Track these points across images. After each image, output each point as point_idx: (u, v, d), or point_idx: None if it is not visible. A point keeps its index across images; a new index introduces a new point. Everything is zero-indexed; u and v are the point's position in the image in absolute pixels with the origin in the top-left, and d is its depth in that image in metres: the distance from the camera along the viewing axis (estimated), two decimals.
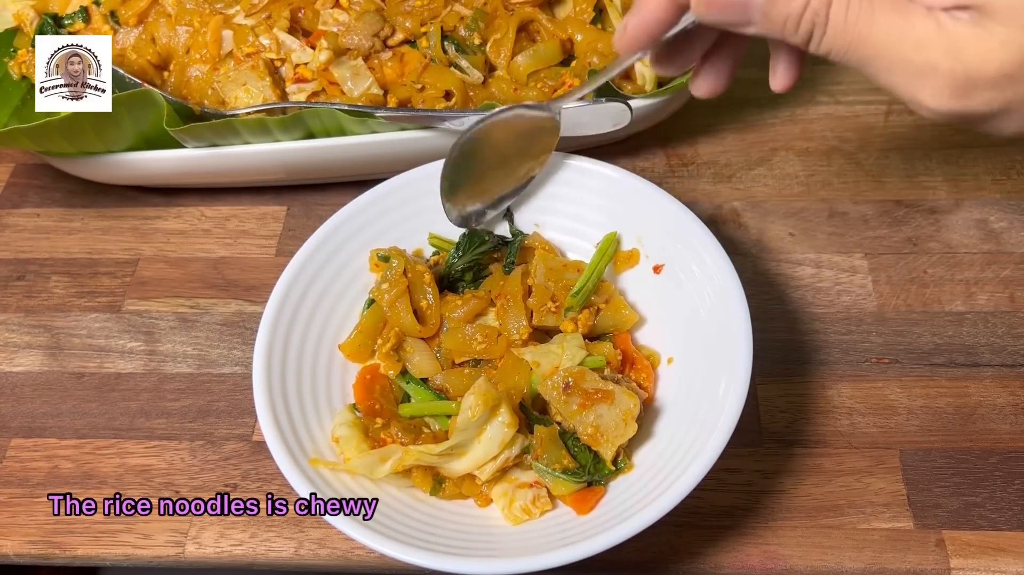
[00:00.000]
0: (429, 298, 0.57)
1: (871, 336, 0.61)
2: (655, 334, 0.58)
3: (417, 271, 0.58)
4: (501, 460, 0.51)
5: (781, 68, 0.46)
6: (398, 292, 0.56)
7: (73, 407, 0.61)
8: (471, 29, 0.69)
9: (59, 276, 0.69)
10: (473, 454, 0.51)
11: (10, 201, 0.75)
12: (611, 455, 0.50)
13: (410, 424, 0.54)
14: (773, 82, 0.46)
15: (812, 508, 0.54)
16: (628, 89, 0.68)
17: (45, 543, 0.55)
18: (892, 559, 0.51)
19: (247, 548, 0.54)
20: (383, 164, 0.67)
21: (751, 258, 0.66)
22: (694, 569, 0.52)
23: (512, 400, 0.52)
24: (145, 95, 0.64)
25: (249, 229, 0.71)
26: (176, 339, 0.64)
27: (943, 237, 0.66)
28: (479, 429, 0.50)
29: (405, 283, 0.57)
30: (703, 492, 0.48)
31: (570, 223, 0.62)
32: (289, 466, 0.49)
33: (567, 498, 0.51)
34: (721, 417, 0.48)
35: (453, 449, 0.50)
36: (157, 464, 0.58)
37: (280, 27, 0.69)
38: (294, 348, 0.55)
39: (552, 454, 0.50)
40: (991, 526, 0.52)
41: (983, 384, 0.58)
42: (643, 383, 0.55)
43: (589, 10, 0.70)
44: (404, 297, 0.56)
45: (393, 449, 0.51)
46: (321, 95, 0.68)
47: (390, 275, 0.57)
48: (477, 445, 0.50)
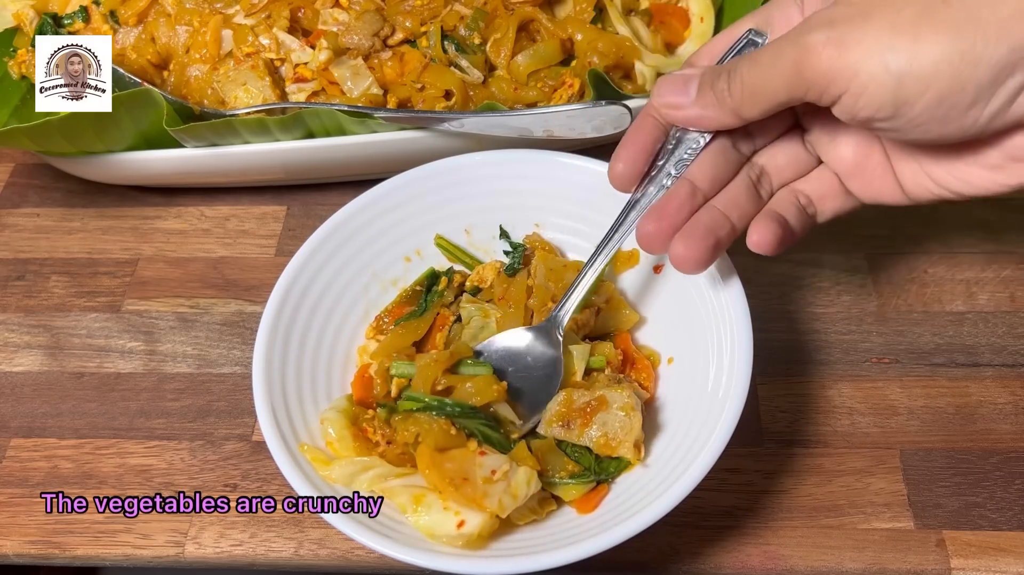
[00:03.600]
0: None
1: (872, 336, 0.61)
2: (655, 334, 0.58)
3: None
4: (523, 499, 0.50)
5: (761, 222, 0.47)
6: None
7: (73, 407, 0.61)
8: (471, 29, 0.69)
9: (59, 276, 0.69)
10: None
11: (10, 201, 0.75)
12: (633, 453, 0.50)
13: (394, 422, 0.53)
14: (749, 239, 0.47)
15: (812, 508, 0.54)
16: (628, 89, 0.68)
17: (45, 543, 0.55)
18: (892, 559, 0.51)
19: (247, 548, 0.54)
20: (383, 164, 0.67)
21: (752, 258, 0.65)
22: (694, 569, 0.52)
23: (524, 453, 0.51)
24: (145, 95, 0.64)
25: (249, 229, 0.71)
26: (176, 339, 0.64)
27: (943, 237, 0.66)
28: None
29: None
30: (703, 492, 0.48)
31: (570, 223, 0.62)
32: (289, 466, 0.49)
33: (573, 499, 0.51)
34: (721, 417, 0.48)
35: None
36: (157, 464, 0.58)
37: (280, 27, 0.69)
38: (294, 348, 0.55)
39: (554, 464, 0.50)
40: (992, 526, 0.52)
41: (984, 384, 0.58)
42: (644, 383, 0.55)
43: (589, 10, 0.70)
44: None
45: (376, 462, 0.51)
46: (321, 95, 0.68)
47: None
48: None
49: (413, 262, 0.62)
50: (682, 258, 0.45)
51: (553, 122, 0.63)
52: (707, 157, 0.47)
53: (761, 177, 0.49)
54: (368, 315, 0.60)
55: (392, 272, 0.61)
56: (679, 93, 0.46)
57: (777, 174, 0.49)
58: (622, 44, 0.68)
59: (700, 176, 0.47)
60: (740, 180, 0.48)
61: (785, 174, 0.49)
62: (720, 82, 0.44)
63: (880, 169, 0.46)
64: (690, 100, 0.45)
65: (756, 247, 0.46)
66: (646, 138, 0.47)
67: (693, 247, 0.45)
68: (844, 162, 0.47)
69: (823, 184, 0.49)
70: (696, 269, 0.46)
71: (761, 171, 0.49)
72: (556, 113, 0.63)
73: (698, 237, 0.45)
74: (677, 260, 0.45)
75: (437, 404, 0.50)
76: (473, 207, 0.62)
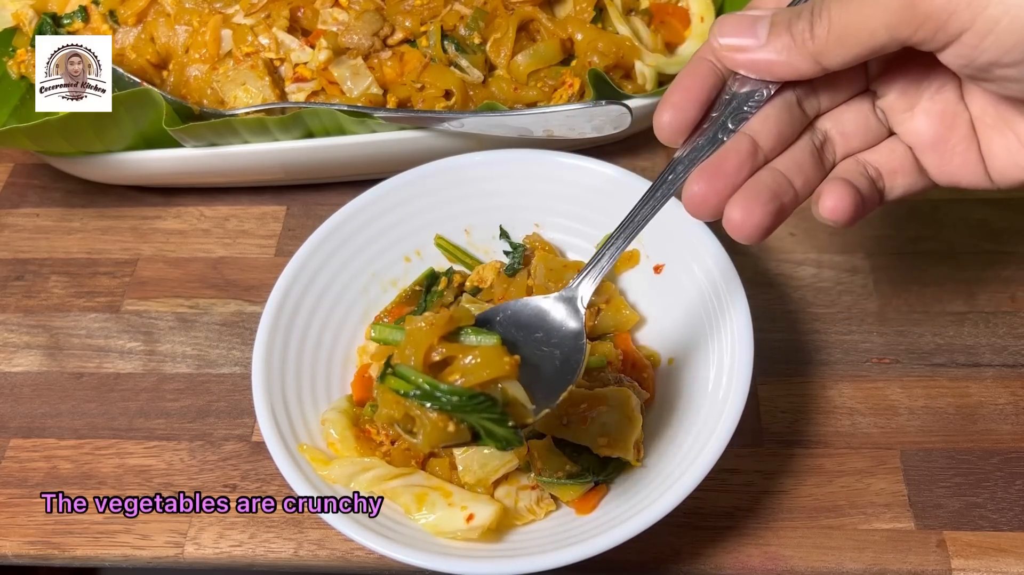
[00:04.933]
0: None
1: (872, 336, 0.61)
2: (655, 334, 0.58)
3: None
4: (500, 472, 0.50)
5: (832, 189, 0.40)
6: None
7: (72, 407, 0.61)
8: (471, 28, 0.69)
9: (58, 276, 0.69)
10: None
11: (9, 201, 0.75)
12: (632, 454, 0.50)
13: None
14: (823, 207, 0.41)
15: (813, 509, 0.54)
16: (629, 88, 0.68)
17: (44, 544, 0.55)
18: (893, 560, 0.51)
19: (246, 549, 0.54)
20: (383, 164, 0.67)
21: (752, 258, 0.66)
22: (695, 570, 0.52)
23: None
24: (144, 94, 0.64)
25: (248, 229, 0.71)
26: (175, 339, 0.64)
27: (944, 237, 0.66)
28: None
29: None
30: (704, 492, 0.48)
31: (570, 223, 0.62)
32: (288, 466, 0.49)
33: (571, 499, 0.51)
34: (722, 417, 0.48)
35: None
36: (156, 464, 0.58)
37: (279, 26, 0.69)
38: (293, 348, 0.55)
39: (552, 463, 0.50)
40: (992, 527, 0.52)
41: (984, 384, 0.58)
42: (644, 383, 0.55)
43: (589, 9, 0.70)
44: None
45: (376, 463, 0.51)
46: (320, 94, 0.68)
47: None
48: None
49: (413, 262, 0.62)
50: (740, 224, 0.39)
51: (553, 122, 0.63)
52: (770, 112, 0.41)
53: (825, 144, 0.43)
54: (368, 315, 0.60)
55: (392, 272, 0.61)
56: (746, 34, 0.40)
57: (843, 142, 0.43)
58: (622, 44, 0.68)
59: (762, 132, 0.41)
60: (803, 143, 0.42)
61: (852, 143, 0.43)
62: (800, 22, 0.38)
63: (964, 144, 0.41)
64: (759, 42, 0.39)
65: (831, 214, 0.40)
66: (700, 84, 0.41)
67: (755, 212, 0.39)
68: (921, 134, 0.42)
69: (894, 158, 0.43)
70: (755, 237, 0.40)
71: (825, 137, 0.43)
72: (556, 113, 0.63)
73: (762, 201, 0.39)
74: (734, 226, 0.39)
75: (429, 390, 0.40)
76: (473, 207, 0.62)
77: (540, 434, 0.51)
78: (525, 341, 0.44)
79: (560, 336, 0.45)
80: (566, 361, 0.44)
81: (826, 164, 0.42)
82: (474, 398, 0.40)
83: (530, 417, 0.42)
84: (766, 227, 0.39)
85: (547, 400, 0.43)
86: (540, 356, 0.44)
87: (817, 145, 0.42)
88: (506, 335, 0.42)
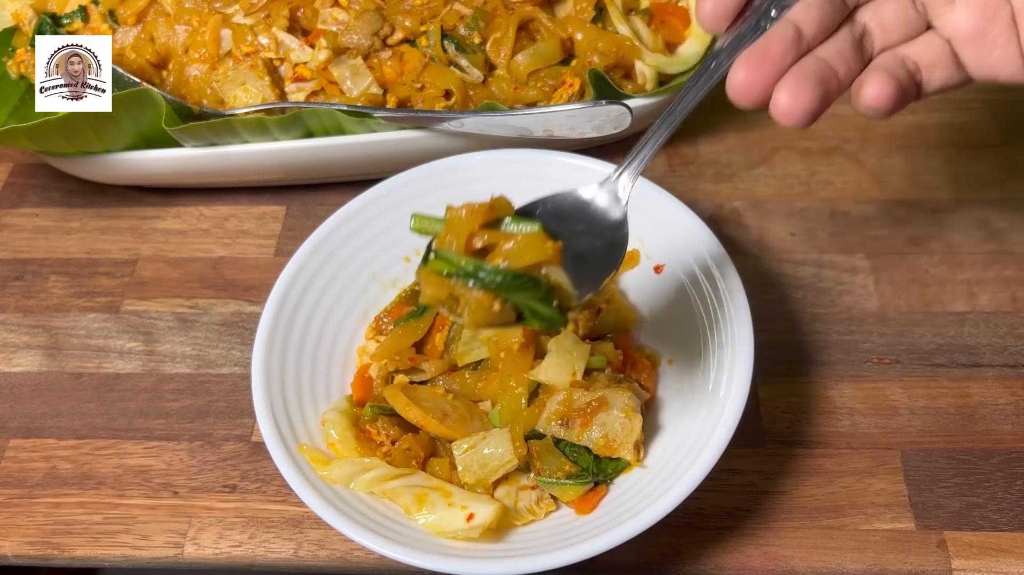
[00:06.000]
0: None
1: (872, 336, 0.61)
2: (656, 334, 0.58)
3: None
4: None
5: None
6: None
7: (72, 407, 0.61)
8: (471, 28, 0.69)
9: (58, 276, 0.69)
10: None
11: (8, 201, 0.75)
12: (632, 455, 0.50)
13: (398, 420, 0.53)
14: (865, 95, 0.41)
15: (813, 509, 0.54)
16: (629, 88, 0.68)
17: (44, 544, 0.55)
18: (893, 560, 0.51)
19: (246, 549, 0.54)
20: (383, 164, 0.66)
21: (752, 258, 0.66)
22: (695, 570, 0.52)
23: (517, 432, 0.51)
24: (144, 94, 0.64)
25: (248, 229, 0.71)
26: (175, 339, 0.64)
27: (945, 237, 0.66)
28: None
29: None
30: (704, 493, 0.48)
31: None
32: (288, 467, 0.49)
33: (571, 500, 0.51)
34: (722, 417, 0.48)
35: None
36: (156, 465, 0.58)
37: (279, 26, 0.69)
38: (293, 348, 0.55)
39: (552, 464, 0.50)
40: (993, 527, 0.52)
41: (985, 384, 0.58)
42: (644, 383, 0.55)
43: (589, 9, 0.69)
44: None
45: (376, 463, 0.51)
46: (320, 94, 0.68)
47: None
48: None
49: (413, 262, 0.62)
50: (789, 109, 0.39)
51: (553, 122, 0.63)
52: (812, 0, 0.41)
53: (864, 36, 0.43)
54: (367, 315, 0.60)
55: (391, 272, 0.61)
56: None
57: (882, 34, 0.43)
58: (622, 43, 0.68)
59: (805, 20, 0.41)
60: (843, 34, 0.42)
61: (891, 36, 0.43)
62: None
63: (1004, 37, 0.40)
64: None
65: (873, 100, 0.40)
66: None
67: (804, 95, 0.39)
68: (961, 26, 0.41)
69: (932, 51, 0.42)
70: (804, 121, 0.40)
71: (864, 29, 0.43)
72: (556, 113, 0.63)
73: (810, 84, 0.39)
74: (783, 111, 0.39)
75: (473, 270, 0.39)
76: None
77: (540, 434, 0.51)
78: (566, 232, 0.43)
79: (602, 226, 0.44)
80: (608, 250, 0.44)
81: (864, 56, 0.43)
82: (519, 278, 0.39)
83: (574, 301, 0.42)
84: (814, 111, 0.40)
85: (590, 285, 0.43)
86: (581, 246, 0.43)
87: (856, 37, 0.42)
88: (547, 226, 0.41)
